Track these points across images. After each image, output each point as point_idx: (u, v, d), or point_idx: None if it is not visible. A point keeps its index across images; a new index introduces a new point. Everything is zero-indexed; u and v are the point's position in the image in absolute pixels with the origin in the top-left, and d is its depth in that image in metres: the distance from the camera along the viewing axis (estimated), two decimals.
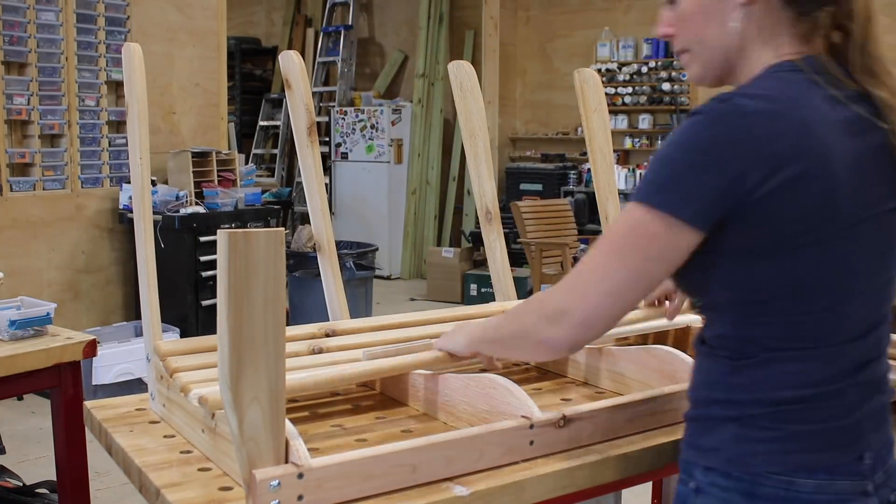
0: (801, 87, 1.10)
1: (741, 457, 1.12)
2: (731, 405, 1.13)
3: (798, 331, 1.11)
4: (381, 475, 1.14)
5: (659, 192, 1.07)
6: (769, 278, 1.08)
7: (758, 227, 1.06)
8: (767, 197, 1.04)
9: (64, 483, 2.24)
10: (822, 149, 1.06)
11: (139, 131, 1.51)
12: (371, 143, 8.26)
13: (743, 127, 1.04)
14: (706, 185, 1.04)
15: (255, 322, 1.01)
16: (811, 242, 1.07)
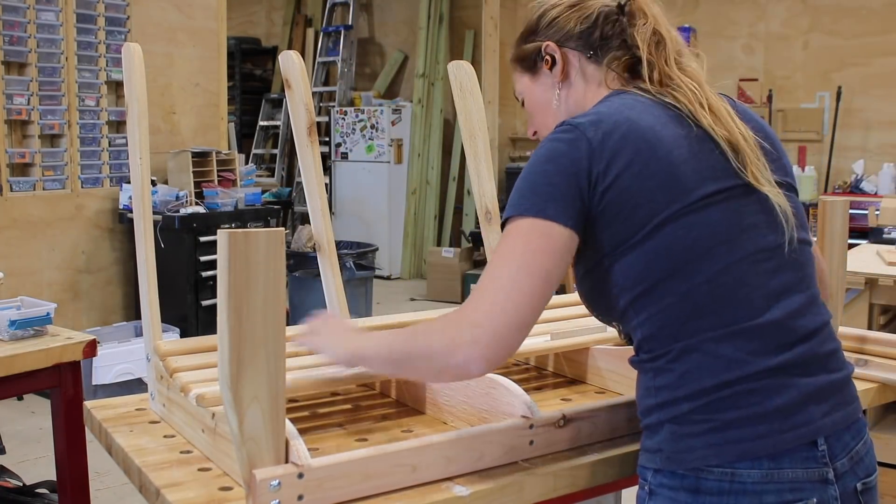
0: (626, 99, 1.25)
1: (680, 454, 1.15)
2: (664, 408, 1.17)
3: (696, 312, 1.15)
4: (381, 475, 1.14)
5: (521, 202, 1.17)
6: (643, 266, 1.16)
7: (616, 218, 1.16)
8: (613, 186, 1.15)
9: (64, 483, 2.24)
10: (650, 133, 1.18)
11: (139, 131, 1.51)
12: (371, 143, 8.26)
13: (575, 135, 1.18)
14: (559, 188, 1.16)
15: (255, 322, 1.01)
16: (668, 219, 1.15)
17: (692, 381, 1.14)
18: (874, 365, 1.68)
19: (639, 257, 1.16)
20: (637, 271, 1.17)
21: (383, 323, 1.67)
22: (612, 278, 1.19)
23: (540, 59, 1.36)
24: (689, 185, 1.17)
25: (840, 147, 6.33)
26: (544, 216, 1.15)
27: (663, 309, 1.16)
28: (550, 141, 1.21)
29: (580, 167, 1.16)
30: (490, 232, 1.95)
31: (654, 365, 1.18)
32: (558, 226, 1.15)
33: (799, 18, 6.56)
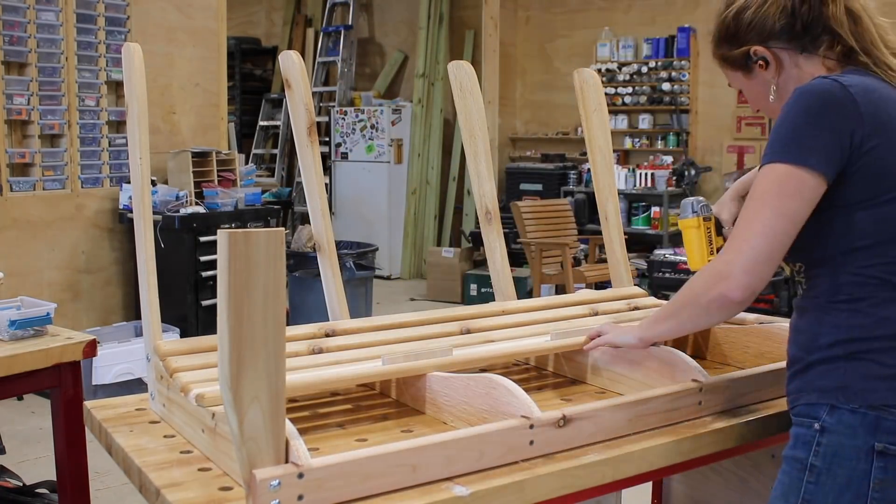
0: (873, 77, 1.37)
1: (866, 392, 1.28)
2: (854, 343, 1.30)
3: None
4: (381, 475, 1.14)
5: (785, 149, 1.29)
6: (874, 225, 1.30)
7: (864, 178, 1.29)
8: (870, 152, 1.29)
9: (64, 483, 2.24)
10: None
11: (139, 131, 1.51)
12: (371, 143, 8.26)
13: (847, 96, 1.29)
14: (825, 139, 1.28)
15: (255, 322, 1.01)
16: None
17: (889, 326, 1.29)
18: None
19: (871, 217, 1.30)
20: (865, 228, 1.31)
21: (384, 323, 1.67)
22: (837, 226, 1.32)
23: (751, 62, 1.45)
24: None
25: None
26: (806, 165, 1.28)
27: (875, 265, 1.30)
28: (817, 93, 1.30)
29: (847, 125, 1.28)
30: (490, 232, 1.95)
31: (853, 306, 1.31)
32: (816, 174, 1.28)
33: None
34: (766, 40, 1.42)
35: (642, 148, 8.02)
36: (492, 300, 1.99)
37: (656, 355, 1.53)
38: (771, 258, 1.29)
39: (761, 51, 1.43)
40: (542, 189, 7.87)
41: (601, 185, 2.06)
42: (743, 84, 1.50)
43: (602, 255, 6.22)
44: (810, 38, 1.40)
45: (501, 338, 1.69)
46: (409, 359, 1.47)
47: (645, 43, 8.00)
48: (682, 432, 1.40)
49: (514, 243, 6.35)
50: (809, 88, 1.32)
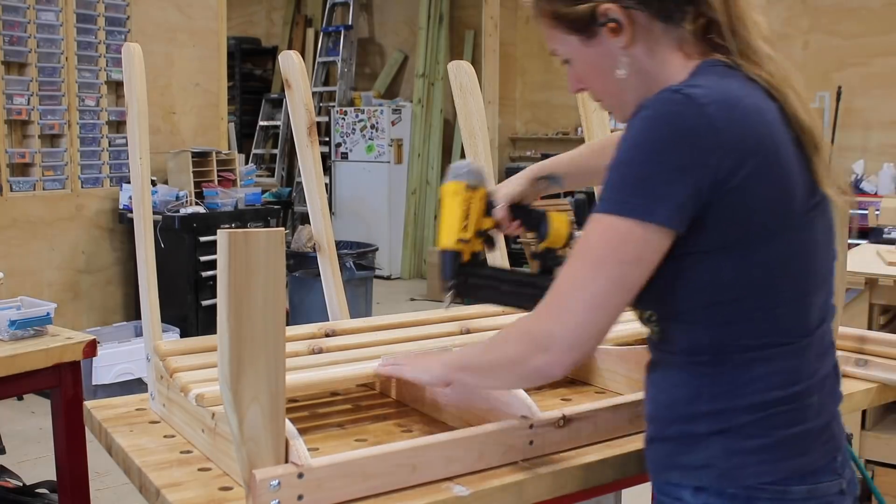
0: (728, 75, 1.09)
1: (733, 470, 1.08)
2: (718, 416, 1.09)
3: (773, 325, 1.08)
4: (381, 475, 1.14)
5: (627, 199, 1.03)
6: (741, 274, 1.06)
7: (729, 220, 1.04)
8: (738, 188, 1.02)
9: (64, 483, 2.24)
10: (775, 136, 1.06)
11: (139, 131, 1.51)
12: (371, 143, 8.26)
13: (703, 118, 1.01)
14: (676, 184, 1.01)
15: (255, 322, 1.01)
16: (776, 231, 1.06)
17: (759, 392, 1.08)
18: (874, 365, 1.68)
19: (739, 265, 1.06)
20: (730, 279, 1.06)
21: (384, 323, 1.67)
22: (696, 276, 1.07)
23: (597, 24, 1.13)
24: (799, 196, 1.07)
25: (840, 147, 6.33)
26: (651, 220, 1.02)
27: (744, 320, 1.08)
28: (667, 118, 1.02)
29: (706, 162, 1.01)
30: None
31: (717, 369, 1.09)
32: (663, 230, 1.03)
33: (799, 18, 6.56)
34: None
35: None
36: None
37: None
38: (599, 333, 1.06)
39: (614, 10, 1.11)
40: None
41: None
42: (578, 52, 1.17)
43: None
44: (677, 7, 1.11)
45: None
46: None
47: None
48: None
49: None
50: (656, 113, 1.03)
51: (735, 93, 1.06)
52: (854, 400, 1.63)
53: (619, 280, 1.04)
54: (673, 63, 1.13)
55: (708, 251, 1.06)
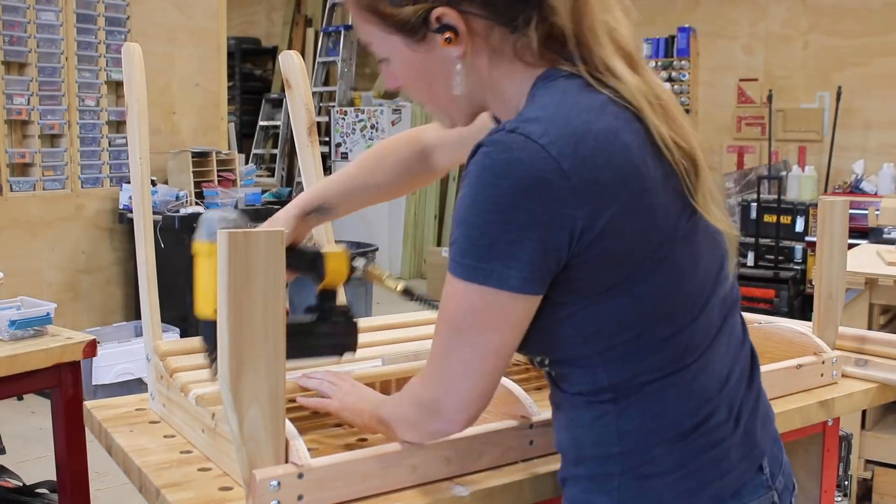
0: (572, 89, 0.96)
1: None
2: (629, 456, 1.01)
3: (675, 351, 1.00)
4: (381, 475, 1.14)
5: (477, 266, 0.92)
6: (629, 313, 0.97)
7: (601, 266, 0.94)
8: (602, 234, 0.92)
9: (64, 483, 2.24)
10: (634, 154, 0.94)
11: (139, 131, 1.51)
12: (371, 143, 8.26)
13: (547, 162, 0.89)
14: (527, 246, 0.90)
15: (255, 322, 1.01)
16: (655, 263, 0.96)
17: (669, 424, 1.00)
18: (874, 365, 1.68)
19: (623, 304, 0.96)
20: (619, 319, 0.97)
21: (384, 323, 1.67)
22: (578, 324, 0.98)
23: (428, 29, 0.98)
24: (671, 221, 0.97)
25: (840, 147, 6.33)
26: (505, 287, 0.92)
27: (645, 354, 0.99)
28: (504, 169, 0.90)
29: (557, 212, 0.90)
30: None
31: (620, 406, 1.01)
32: (521, 296, 0.93)
33: (799, 18, 6.57)
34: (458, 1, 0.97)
35: None
36: None
37: None
38: (484, 394, 1.01)
39: (450, 15, 0.97)
40: None
41: None
42: (401, 56, 1.02)
43: None
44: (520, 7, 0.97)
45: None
46: (410, 359, 1.47)
47: (645, 43, 7.98)
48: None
49: None
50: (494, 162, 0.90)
51: (580, 119, 0.92)
52: (854, 400, 1.63)
53: (485, 347, 0.97)
54: (514, 73, 1.01)
55: (587, 298, 0.96)
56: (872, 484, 3.14)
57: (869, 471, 3.14)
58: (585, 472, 1.05)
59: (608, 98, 0.96)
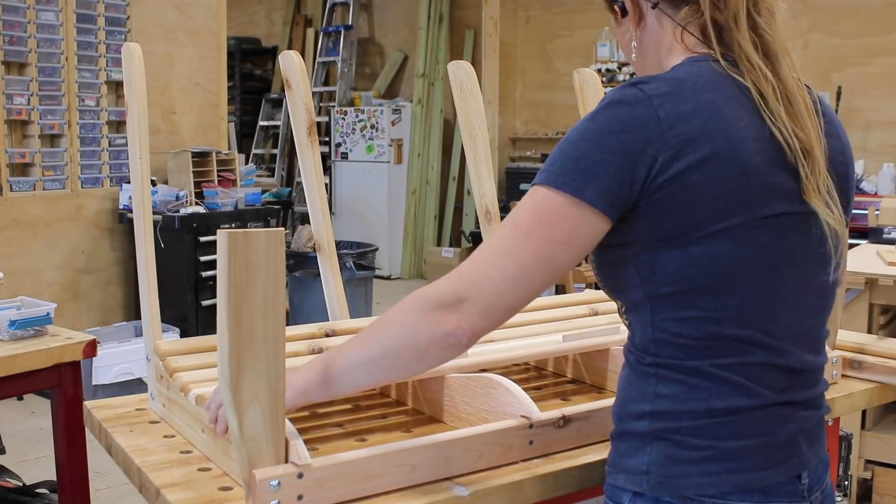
0: (704, 71, 1.08)
1: (673, 479, 1.05)
2: (659, 418, 1.06)
3: (718, 332, 1.05)
4: (381, 475, 1.14)
5: (562, 174, 1.03)
6: (679, 269, 1.04)
7: (666, 212, 1.02)
8: (675, 179, 1.01)
9: (64, 483, 2.24)
10: (734, 129, 1.03)
11: (139, 131, 1.51)
12: (371, 143, 8.26)
13: (648, 109, 1.02)
14: (609, 167, 1.01)
15: (255, 322, 1.01)
16: (724, 230, 1.02)
17: (700, 399, 1.05)
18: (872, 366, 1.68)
19: (677, 258, 1.03)
20: (670, 271, 1.04)
21: None
22: (638, 267, 1.06)
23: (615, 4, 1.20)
24: (757, 200, 1.03)
25: None
26: (581, 197, 1.01)
27: (685, 319, 1.05)
28: (614, 105, 1.04)
29: (643, 150, 1.01)
30: (490, 232, 1.95)
31: (660, 371, 1.07)
32: (594, 212, 1.02)
33: (799, 18, 6.56)
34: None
35: None
36: None
37: None
38: (513, 308, 1.05)
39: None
40: None
41: None
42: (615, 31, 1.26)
43: None
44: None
45: (502, 338, 1.69)
46: None
47: None
48: None
49: None
50: (607, 102, 1.05)
51: (693, 86, 1.05)
52: (854, 400, 1.63)
53: (546, 258, 1.03)
54: (672, 53, 1.16)
55: (648, 241, 1.04)
56: (872, 484, 3.14)
57: (869, 471, 3.14)
58: (622, 430, 1.11)
59: (733, 80, 1.08)
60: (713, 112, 1.03)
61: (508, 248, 1.04)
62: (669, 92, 1.04)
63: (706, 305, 1.04)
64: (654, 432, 1.07)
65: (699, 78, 1.07)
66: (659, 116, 1.02)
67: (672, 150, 1.01)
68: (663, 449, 1.06)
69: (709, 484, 1.04)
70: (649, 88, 1.04)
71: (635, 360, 1.11)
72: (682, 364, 1.06)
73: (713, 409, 1.05)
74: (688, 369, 1.06)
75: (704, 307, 1.04)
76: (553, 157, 1.05)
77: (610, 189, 1.01)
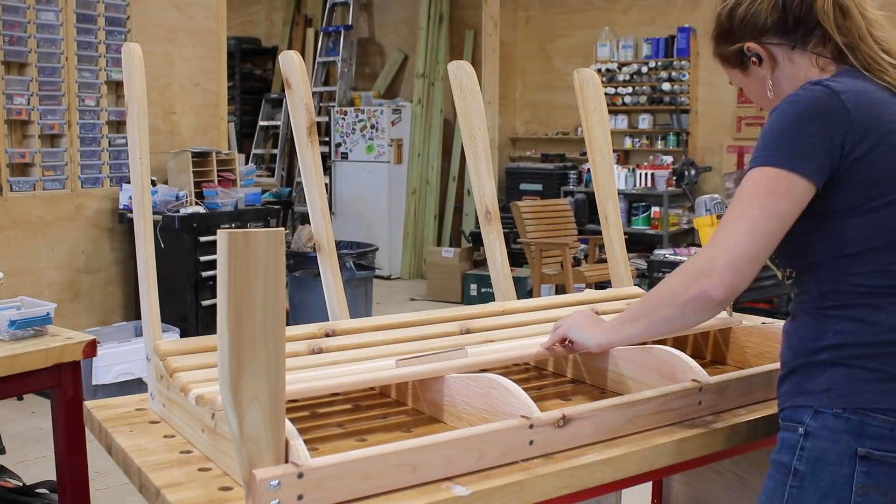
0: (866, 80, 1.35)
1: (851, 395, 1.27)
2: (840, 349, 1.29)
3: (891, 278, 1.29)
4: (381, 475, 1.14)
5: (775, 154, 1.28)
6: (863, 232, 1.29)
7: (853, 185, 1.28)
8: (860, 159, 1.27)
9: (64, 483, 2.24)
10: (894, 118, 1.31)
11: (139, 131, 1.51)
12: (371, 143, 8.26)
13: (837, 101, 1.28)
14: (815, 146, 1.27)
15: (255, 322, 1.01)
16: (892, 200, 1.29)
17: (879, 332, 1.28)
18: None
19: (860, 224, 1.29)
20: (854, 235, 1.29)
21: (384, 323, 1.67)
22: (826, 233, 1.31)
23: (746, 59, 1.44)
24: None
25: None
26: (796, 170, 1.26)
27: (866, 272, 1.29)
28: (808, 99, 1.29)
29: (838, 133, 1.27)
30: (490, 231, 1.95)
31: (841, 312, 1.30)
32: (806, 180, 1.26)
33: None
34: (758, 36, 1.42)
35: (642, 148, 8.02)
36: (492, 300, 1.99)
37: (656, 355, 1.53)
38: (756, 258, 1.27)
39: (754, 47, 1.43)
40: (542, 189, 7.88)
41: (601, 185, 2.06)
42: (742, 81, 1.50)
43: (602, 255, 6.22)
44: (802, 33, 1.39)
45: (502, 338, 1.69)
46: (425, 362, 1.45)
47: (645, 43, 8.00)
48: (682, 432, 1.40)
49: (514, 243, 6.36)
50: (799, 96, 1.31)
51: (865, 88, 1.33)
52: None
53: (772, 210, 1.26)
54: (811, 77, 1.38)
55: (836, 212, 1.29)
56: None
57: None
58: (801, 364, 1.33)
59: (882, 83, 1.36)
60: (884, 107, 1.31)
61: (739, 211, 1.27)
62: (849, 89, 1.30)
63: (884, 260, 1.29)
64: (833, 360, 1.29)
65: (864, 83, 1.34)
66: (846, 107, 1.28)
67: (857, 134, 1.27)
68: (842, 372, 1.28)
69: (881, 400, 1.26)
70: (834, 86, 1.30)
71: (814, 308, 1.34)
72: (860, 305, 1.30)
73: (888, 341, 1.28)
74: (866, 308, 1.29)
75: (883, 261, 1.29)
76: (763, 143, 1.30)
77: (818, 163, 1.26)
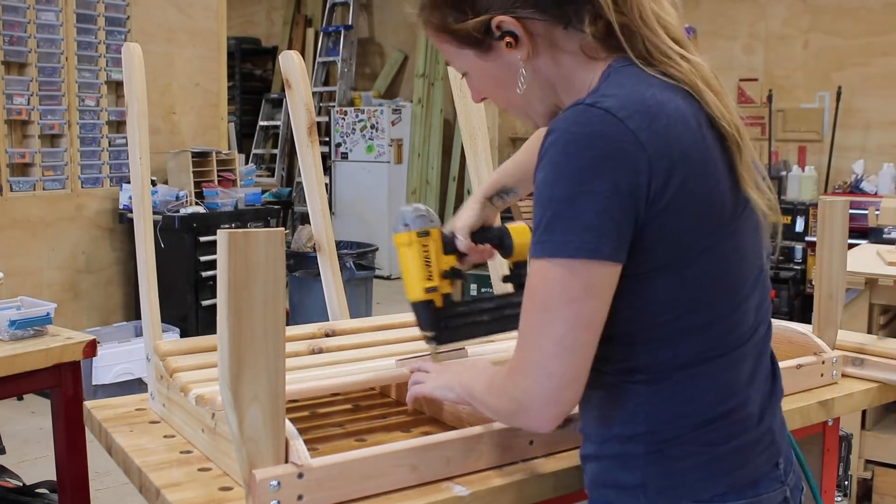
0: (648, 80, 1.02)
1: (669, 489, 1.05)
2: (654, 436, 1.05)
3: (709, 340, 1.04)
4: (381, 475, 1.14)
5: (565, 236, 0.95)
6: (676, 293, 1.01)
7: (663, 240, 0.98)
8: (666, 208, 0.97)
9: (64, 483, 2.24)
10: (699, 143, 1.00)
11: (139, 131, 1.51)
12: (371, 143, 8.26)
13: (627, 135, 0.95)
14: (611, 211, 0.94)
15: (255, 322, 1.01)
16: (708, 246, 1.01)
17: (697, 410, 1.04)
18: (873, 365, 1.68)
19: (676, 283, 1.01)
20: (669, 298, 1.01)
21: (384, 323, 1.67)
22: (632, 299, 1.01)
23: (492, 38, 1.07)
24: (726, 206, 1.02)
25: (840, 147, 6.33)
26: (596, 256, 0.95)
27: (681, 339, 1.03)
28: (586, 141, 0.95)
29: (637, 183, 0.95)
30: None
31: (653, 388, 1.04)
32: (611, 265, 0.96)
33: (799, 18, 6.56)
34: (514, 7, 1.05)
35: None
36: None
37: None
38: (576, 378, 0.99)
39: (508, 22, 1.05)
40: None
41: None
42: (475, 67, 1.12)
43: None
44: (573, 6, 1.04)
45: (501, 338, 1.69)
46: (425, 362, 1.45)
47: None
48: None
49: None
50: (575, 136, 0.95)
51: (654, 99, 0.98)
52: (854, 400, 1.63)
53: (575, 320, 0.97)
54: (580, 67, 1.07)
55: (644, 273, 1.00)
56: (872, 484, 3.14)
57: (869, 471, 3.14)
58: (611, 451, 1.09)
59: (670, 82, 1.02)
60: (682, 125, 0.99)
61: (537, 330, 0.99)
62: (637, 109, 0.96)
63: (700, 321, 1.03)
64: (646, 451, 1.05)
65: (648, 87, 1.00)
66: (640, 141, 0.95)
67: (662, 174, 0.96)
68: (659, 462, 1.05)
69: (703, 489, 1.05)
70: (615, 109, 0.95)
71: (620, 381, 1.07)
72: (675, 378, 1.04)
73: (708, 419, 1.05)
74: (682, 384, 1.04)
75: (699, 323, 1.03)
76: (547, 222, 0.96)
77: (620, 235, 0.96)
